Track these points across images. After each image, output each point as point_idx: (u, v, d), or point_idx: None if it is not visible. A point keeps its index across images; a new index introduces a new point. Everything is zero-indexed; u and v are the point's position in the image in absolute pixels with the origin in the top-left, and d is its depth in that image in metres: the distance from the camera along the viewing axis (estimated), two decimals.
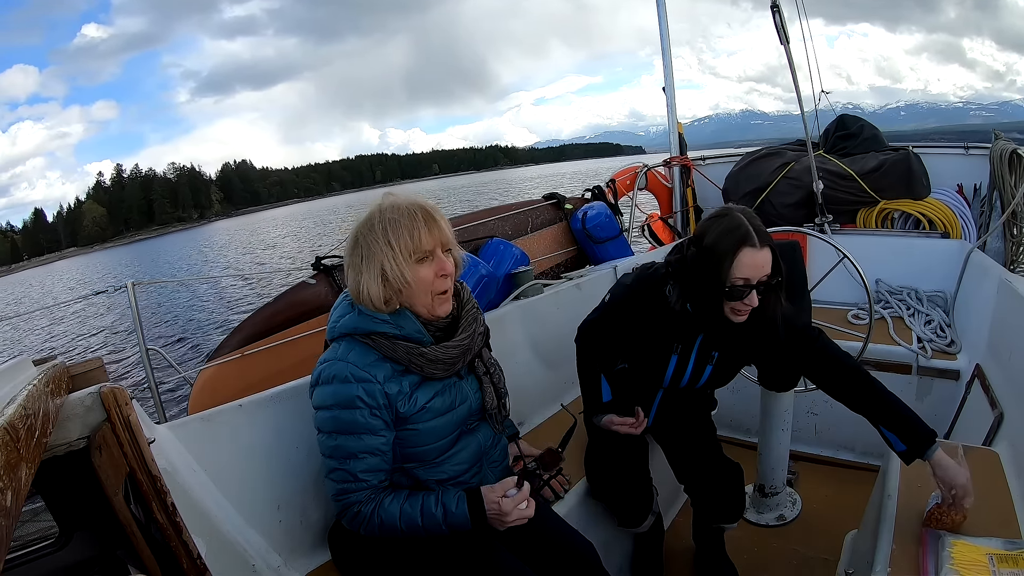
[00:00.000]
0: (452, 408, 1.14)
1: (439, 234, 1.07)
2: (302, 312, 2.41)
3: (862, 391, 1.24)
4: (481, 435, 1.22)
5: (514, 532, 1.22)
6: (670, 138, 3.74)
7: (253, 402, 1.31)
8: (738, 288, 1.20)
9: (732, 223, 1.21)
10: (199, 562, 1.00)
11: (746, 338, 1.33)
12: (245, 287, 13.16)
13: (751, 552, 1.81)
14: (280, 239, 33.20)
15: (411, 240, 1.03)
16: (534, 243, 3.33)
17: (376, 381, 1.04)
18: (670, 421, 1.61)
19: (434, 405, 1.11)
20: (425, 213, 1.06)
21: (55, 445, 0.90)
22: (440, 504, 1.06)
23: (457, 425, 1.16)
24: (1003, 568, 0.88)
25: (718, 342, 1.39)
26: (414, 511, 1.06)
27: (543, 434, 1.90)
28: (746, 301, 1.21)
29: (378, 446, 1.06)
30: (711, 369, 1.45)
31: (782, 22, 2.47)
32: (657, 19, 3.34)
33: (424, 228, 1.05)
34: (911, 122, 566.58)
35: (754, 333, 1.31)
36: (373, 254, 1.04)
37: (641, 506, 1.57)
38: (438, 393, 1.12)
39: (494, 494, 1.06)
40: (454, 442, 1.17)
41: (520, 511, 1.06)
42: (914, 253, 2.53)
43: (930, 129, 62.06)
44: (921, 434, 1.12)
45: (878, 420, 1.19)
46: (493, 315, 2.03)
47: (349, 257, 1.08)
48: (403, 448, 1.11)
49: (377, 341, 1.06)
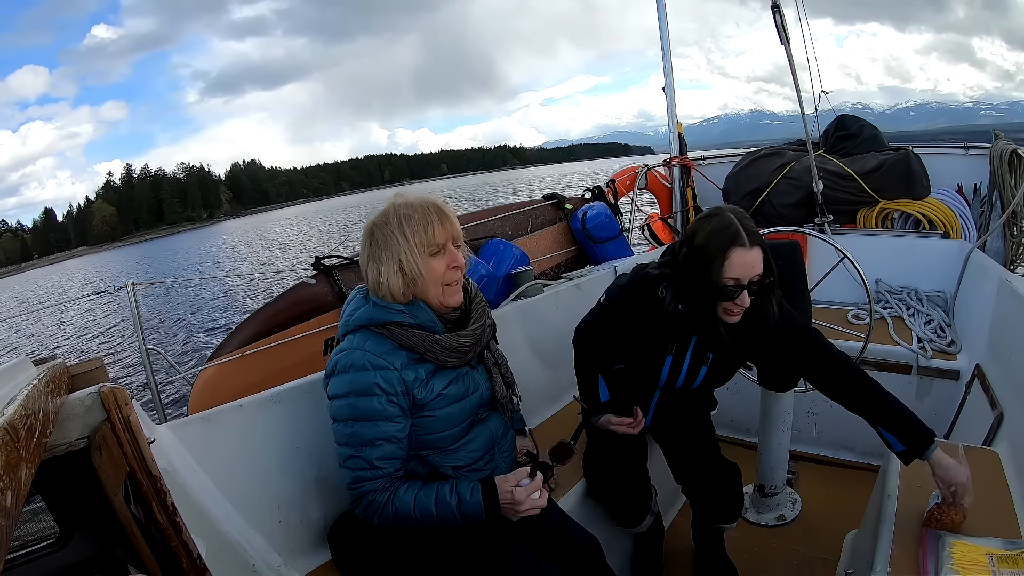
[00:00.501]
0: (466, 395, 1.16)
1: (451, 228, 1.12)
2: (302, 312, 2.41)
3: (860, 392, 1.23)
4: (492, 424, 1.24)
5: (520, 524, 1.23)
6: (670, 138, 3.74)
7: (253, 402, 1.31)
8: (729, 288, 1.20)
9: (722, 223, 1.21)
10: (199, 562, 1.00)
11: (741, 339, 1.31)
12: (245, 287, 13.17)
13: (751, 552, 1.81)
14: (291, 238, 33.11)
15: (425, 234, 1.08)
16: (534, 243, 3.33)
17: (394, 368, 1.06)
18: (668, 422, 1.60)
19: (449, 392, 1.13)
20: (437, 209, 1.11)
21: (55, 445, 0.90)
22: (455, 493, 1.07)
23: (470, 413, 1.18)
24: (1003, 568, 0.88)
25: (713, 343, 1.38)
26: (428, 500, 1.06)
27: (543, 433, 1.90)
28: (737, 301, 1.21)
29: (394, 433, 1.07)
30: (706, 370, 1.45)
31: (782, 22, 2.47)
32: (657, 20, 3.34)
33: (437, 222, 1.09)
34: (921, 122, 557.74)
35: (749, 334, 1.30)
36: (391, 246, 1.08)
37: (639, 506, 1.57)
38: (452, 381, 1.14)
39: (508, 484, 1.08)
40: (467, 430, 1.19)
41: (533, 501, 1.07)
42: (914, 253, 2.53)
43: (940, 129, 61.61)
44: (919, 434, 1.12)
45: (876, 421, 1.19)
46: (493, 315, 2.03)
47: (366, 251, 1.12)
48: (419, 435, 1.13)
49: (392, 330, 1.08)
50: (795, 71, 2.59)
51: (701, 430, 1.62)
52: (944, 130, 59.36)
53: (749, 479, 2.04)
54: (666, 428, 1.62)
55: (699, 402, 1.63)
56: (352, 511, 1.22)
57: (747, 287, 1.20)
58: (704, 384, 1.50)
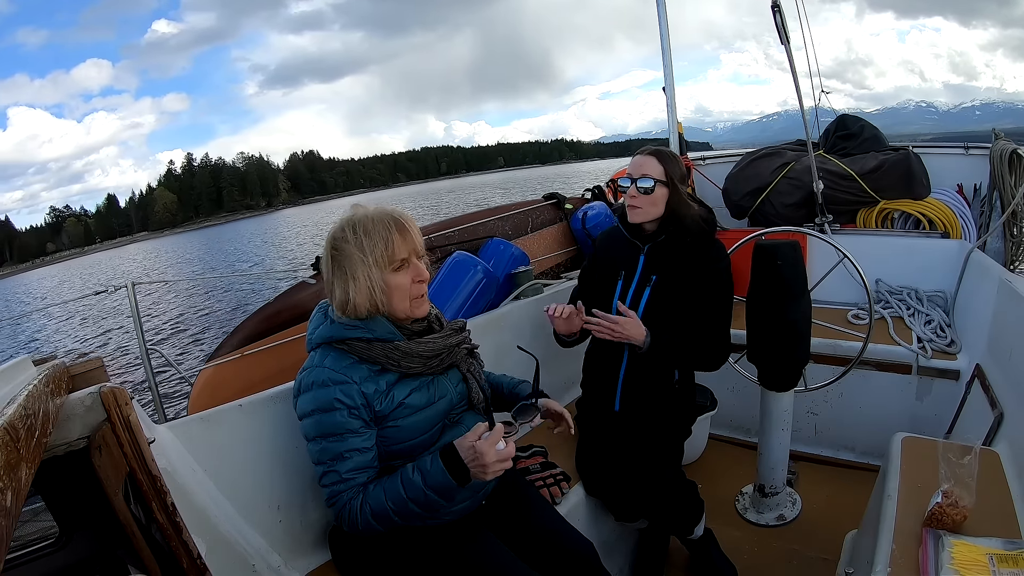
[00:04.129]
0: (431, 403, 1.16)
1: (412, 241, 1.12)
2: (302, 312, 2.41)
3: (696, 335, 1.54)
4: (466, 427, 1.22)
5: (512, 530, 1.22)
6: (670, 138, 3.74)
7: (253, 402, 1.31)
8: (624, 184, 1.58)
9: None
10: (199, 562, 1.00)
11: (673, 258, 1.58)
12: (246, 286, 13.17)
13: (751, 552, 1.81)
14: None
15: (386, 249, 1.08)
16: (534, 243, 3.32)
17: (352, 381, 1.07)
18: (635, 408, 1.63)
19: (412, 401, 1.13)
20: (396, 223, 1.10)
21: (55, 445, 0.90)
22: (417, 470, 1.06)
23: (438, 420, 1.18)
24: (1003, 568, 0.88)
25: (656, 264, 1.60)
26: (396, 485, 1.06)
27: (543, 433, 1.90)
28: (630, 192, 1.55)
29: (360, 444, 1.07)
30: (649, 291, 1.59)
31: (782, 22, 2.46)
32: (658, 20, 3.33)
33: (397, 236, 1.09)
34: (987, 122, 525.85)
35: (677, 252, 1.58)
36: (353, 264, 1.08)
37: (635, 500, 1.57)
38: (415, 389, 1.14)
39: (467, 441, 1.05)
40: (438, 436, 1.18)
41: (499, 452, 1.03)
42: (914, 253, 2.52)
43: (1007, 129, 60.54)
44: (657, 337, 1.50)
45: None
46: (493, 315, 2.03)
47: (328, 268, 1.11)
48: (386, 446, 1.12)
49: (352, 345, 1.09)
50: (795, 71, 2.59)
51: (654, 446, 1.60)
52: (1011, 131, 58.51)
53: (749, 479, 2.04)
54: (626, 443, 1.60)
55: (662, 387, 1.63)
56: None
57: (635, 181, 1.54)
58: (649, 308, 1.58)
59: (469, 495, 1.21)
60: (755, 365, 1.77)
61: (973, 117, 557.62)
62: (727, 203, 3.25)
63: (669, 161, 1.55)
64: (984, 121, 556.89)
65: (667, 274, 1.58)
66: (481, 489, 1.24)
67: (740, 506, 2.02)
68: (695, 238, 1.57)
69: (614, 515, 1.61)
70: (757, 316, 1.71)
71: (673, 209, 1.55)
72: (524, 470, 1.61)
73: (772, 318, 1.67)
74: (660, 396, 1.63)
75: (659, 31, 3.30)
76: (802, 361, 1.73)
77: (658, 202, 1.54)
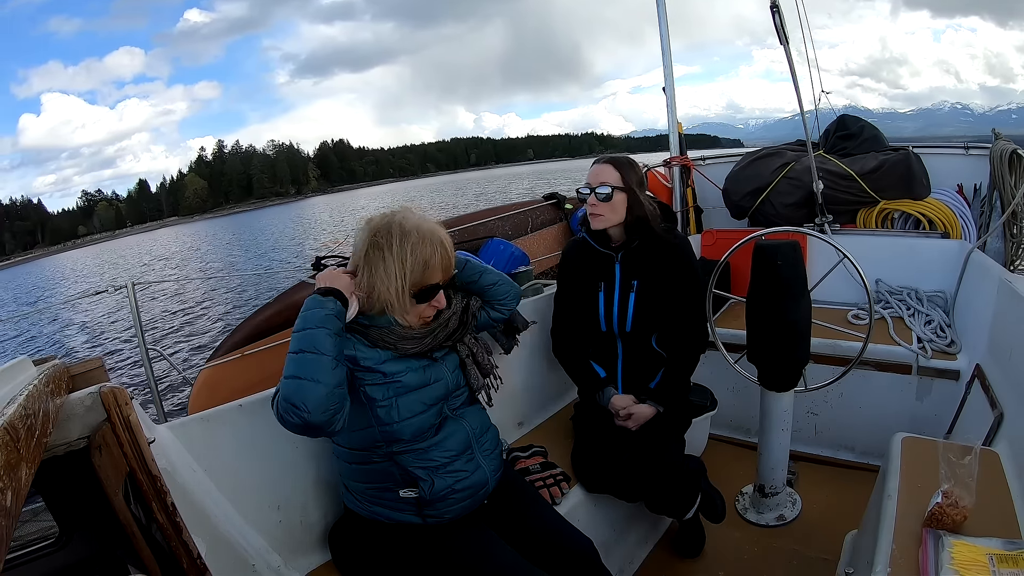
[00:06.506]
0: (425, 384, 1.17)
1: (448, 268, 1.16)
2: None
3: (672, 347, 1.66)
4: (468, 422, 1.24)
5: (512, 529, 1.22)
6: (670, 138, 3.74)
7: (253, 402, 1.31)
8: (585, 193, 1.60)
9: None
10: (199, 562, 1.00)
11: (647, 260, 1.63)
12: (246, 286, 13.16)
13: (751, 552, 1.80)
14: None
15: (424, 270, 1.11)
16: (534, 243, 3.33)
17: (344, 336, 1.08)
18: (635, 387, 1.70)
19: (407, 380, 1.14)
20: (442, 246, 1.14)
21: (55, 445, 0.90)
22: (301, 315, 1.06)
23: (434, 403, 1.18)
24: (1003, 568, 0.88)
25: (633, 270, 1.64)
26: (291, 344, 1.04)
27: (543, 433, 1.91)
28: (589, 201, 1.58)
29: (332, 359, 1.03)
30: (634, 297, 1.64)
31: (782, 22, 2.46)
32: (658, 20, 3.33)
33: (439, 261, 1.12)
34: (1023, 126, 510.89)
35: (650, 254, 1.63)
36: (387, 278, 1.10)
37: (635, 479, 1.54)
38: (411, 369, 1.15)
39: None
40: (438, 427, 1.19)
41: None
42: (914, 253, 2.52)
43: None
44: (656, 392, 1.63)
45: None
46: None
47: (360, 259, 1.13)
48: (381, 426, 1.12)
49: (349, 324, 1.12)
50: (794, 71, 2.59)
51: (647, 433, 1.62)
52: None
53: (749, 479, 2.04)
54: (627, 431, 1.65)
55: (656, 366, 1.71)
56: (351, 512, 1.22)
57: (594, 190, 1.57)
58: (637, 315, 1.64)
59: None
60: (755, 365, 1.77)
61: (1010, 120, 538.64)
62: (727, 203, 3.25)
63: (625, 167, 1.60)
64: (1021, 124, 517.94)
65: (646, 278, 1.64)
66: (483, 489, 1.25)
67: (740, 506, 2.02)
68: (661, 236, 1.64)
69: (625, 499, 1.58)
70: (757, 316, 1.71)
71: (636, 214, 1.60)
72: (524, 470, 1.61)
73: (772, 318, 1.67)
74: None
75: (659, 31, 3.30)
76: (802, 361, 1.73)
77: (617, 208, 1.59)
